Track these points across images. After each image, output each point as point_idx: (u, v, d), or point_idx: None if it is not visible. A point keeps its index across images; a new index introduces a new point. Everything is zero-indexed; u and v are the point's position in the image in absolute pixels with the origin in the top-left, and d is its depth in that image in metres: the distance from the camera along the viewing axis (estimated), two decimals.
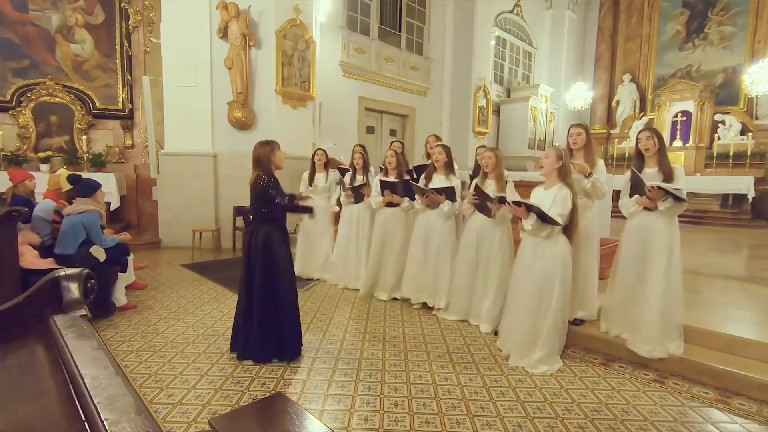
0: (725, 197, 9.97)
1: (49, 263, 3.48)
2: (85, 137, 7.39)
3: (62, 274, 1.13)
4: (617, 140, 12.82)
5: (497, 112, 11.86)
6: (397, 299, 4.38)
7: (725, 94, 11.35)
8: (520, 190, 3.15)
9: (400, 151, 4.74)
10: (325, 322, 3.81)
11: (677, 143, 11.34)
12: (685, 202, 2.90)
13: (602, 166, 3.38)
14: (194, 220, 6.63)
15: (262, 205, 2.95)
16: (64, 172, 4.62)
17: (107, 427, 0.64)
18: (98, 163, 7.38)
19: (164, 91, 6.78)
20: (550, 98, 12.33)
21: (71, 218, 3.70)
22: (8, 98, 6.97)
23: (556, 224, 2.86)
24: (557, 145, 3.16)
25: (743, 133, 10.81)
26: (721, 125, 11.16)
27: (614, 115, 13.44)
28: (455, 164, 4.16)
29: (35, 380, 0.95)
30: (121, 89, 7.74)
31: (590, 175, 3.28)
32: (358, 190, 4.79)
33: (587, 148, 3.38)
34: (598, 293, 3.50)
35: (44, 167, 6.78)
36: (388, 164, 4.44)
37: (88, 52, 7.49)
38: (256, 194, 2.95)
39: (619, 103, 13.27)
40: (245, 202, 3.36)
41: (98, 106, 7.62)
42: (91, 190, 3.87)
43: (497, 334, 3.45)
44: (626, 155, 11.80)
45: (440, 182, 3.99)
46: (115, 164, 7.64)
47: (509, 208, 3.15)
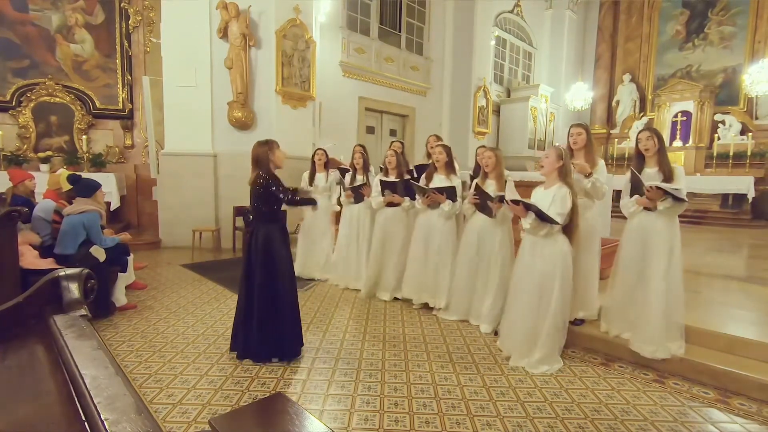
0: (725, 197, 9.97)
1: (49, 263, 3.48)
2: (85, 137, 7.39)
3: (62, 274, 1.13)
4: (617, 140, 12.82)
5: (497, 112, 11.86)
6: (398, 299, 4.38)
7: (725, 94, 11.35)
8: (520, 190, 3.14)
9: (400, 151, 4.74)
10: (325, 322, 3.80)
11: (677, 143, 11.33)
12: (684, 201, 2.90)
13: (603, 166, 3.39)
14: (194, 220, 6.63)
15: (262, 204, 2.95)
16: (64, 172, 4.61)
17: (107, 427, 0.64)
18: (98, 163, 7.38)
19: (164, 91, 6.78)
20: (550, 98, 12.32)
21: (71, 218, 3.70)
22: (8, 98, 6.97)
23: (554, 223, 2.86)
24: (558, 144, 3.16)
25: (743, 133, 10.81)
26: (721, 125, 11.16)
27: (614, 115, 13.44)
28: (456, 164, 4.16)
29: (35, 380, 0.94)
30: (121, 89, 7.74)
31: (590, 175, 3.28)
32: (358, 190, 4.79)
33: (588, 148, 3.38)
34: (598, 293, 3.50)
35: (44, 167, 6.78)
36: (388, 164, 4.44)
37: (88, 52, 7.49)
38: (256, 194, 2.94)
39: (619, 103, 13.27)
40: (245, 202, 3.36)
41: (98, 106, 7.61)
42: (91, 190, 3.87)
43: (497, 334, 3.45)
44: (626, 155, 11.80)
45: (441, 182, 3.98)
46: (115, 164, 7.64)
47: (509, 207, 3.15)
